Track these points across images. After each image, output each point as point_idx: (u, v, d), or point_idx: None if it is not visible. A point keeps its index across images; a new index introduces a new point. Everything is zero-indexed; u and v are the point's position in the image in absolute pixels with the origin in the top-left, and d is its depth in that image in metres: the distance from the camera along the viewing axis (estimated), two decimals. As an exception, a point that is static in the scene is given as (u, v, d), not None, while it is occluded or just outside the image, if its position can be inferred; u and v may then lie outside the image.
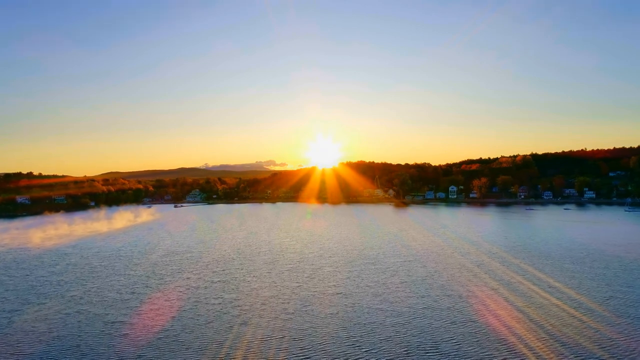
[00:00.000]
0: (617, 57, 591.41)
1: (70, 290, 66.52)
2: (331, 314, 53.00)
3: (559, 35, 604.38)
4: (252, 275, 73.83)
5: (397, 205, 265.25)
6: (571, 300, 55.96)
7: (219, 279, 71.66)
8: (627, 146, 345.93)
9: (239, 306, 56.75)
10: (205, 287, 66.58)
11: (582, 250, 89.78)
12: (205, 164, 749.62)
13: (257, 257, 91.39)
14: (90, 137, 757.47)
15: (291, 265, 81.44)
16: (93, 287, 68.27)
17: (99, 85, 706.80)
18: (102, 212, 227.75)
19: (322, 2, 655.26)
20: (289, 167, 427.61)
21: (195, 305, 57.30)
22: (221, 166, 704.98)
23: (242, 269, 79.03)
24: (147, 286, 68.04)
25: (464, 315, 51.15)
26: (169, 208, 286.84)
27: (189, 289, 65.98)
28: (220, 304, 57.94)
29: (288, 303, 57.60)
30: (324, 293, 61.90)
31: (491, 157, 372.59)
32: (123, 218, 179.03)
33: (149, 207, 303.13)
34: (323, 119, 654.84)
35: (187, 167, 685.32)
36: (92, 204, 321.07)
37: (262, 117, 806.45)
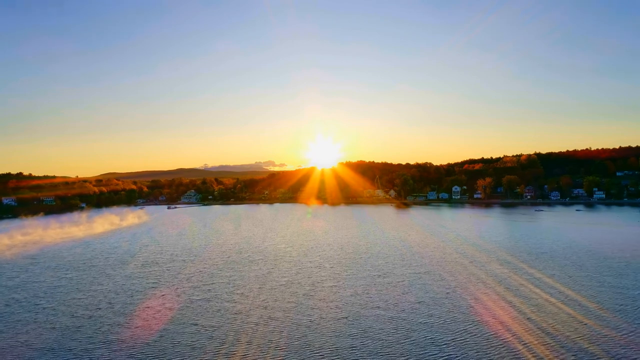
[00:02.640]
0: (616, 57, 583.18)
1: (16, 313, 55.10)
2: (333, 349, 41.83)
3: (559, 35, 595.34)
4: (239, 293, 62.56)
5: (399, 207, 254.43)
6: (632, 331, 44.85)
7: (200, 297, 60.40)
8: (633, 145, 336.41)
9: (217, 337, 45.51)
10: (182, 309, 55.27)
11: (619, 259, 78.70)
12: (205, 164, 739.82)
13: (248, 268, 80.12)
14: (89, 137, 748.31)
15: (286, 279, 70.22)
16: (46, 308, 56.91)
17: (98, 86, 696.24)
18: (86, 214, 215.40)
19: (322, 3, 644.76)
20: (289, 167, 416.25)
21: (163, 336, 46.00)
22: (220, 167, 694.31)
23: (229, 284, 67.74)
24: (110, 307, 56.66)
25: (502, 354, 40.01)
26: (161, 209, 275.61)
27: (161, 310, 54.67)
28: (195, 333, 46.65)
29: (280, 332, 46.39)
30: (324, 318, 50.69)
31: (493, 157, 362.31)
32: (106, 221, 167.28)
33: (141, 208, 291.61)
34: (323, 120, 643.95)
35: (186, 167, 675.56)
36: (83, 205, 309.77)
37: (261, 117, 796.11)
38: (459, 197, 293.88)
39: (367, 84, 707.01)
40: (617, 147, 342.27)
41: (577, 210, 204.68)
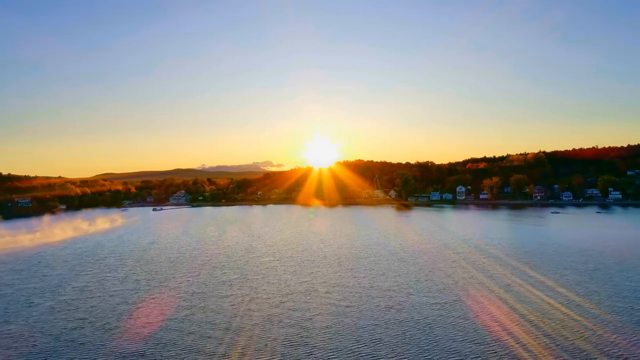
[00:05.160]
0: (616, 58, 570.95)
1: None
2: None
3: (559, 35, 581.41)
4: (193, 342, 44.00)
5: (399, 208, 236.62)
6: None
7: (134, 349, 41.84)
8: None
9: None
10: (101, 371, 36.71)
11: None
12: (202, 164, 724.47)
13: (217, 294, 61.51)
14: (88, 138, 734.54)
15: (264, 314, 51.63)
16: None
17: (96, 86, 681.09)
18: (54, 217, 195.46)
19: (321, 3, 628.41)
20: (286, 168, 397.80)
21: None
22: (218, 167, 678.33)
23: (183, 325, 49.14)
24: (-7, 370, 38.11)
25: None
26: (146, 211, 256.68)
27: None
28: None
29: None
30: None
31: (496, 156, 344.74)
32: (71, 226, 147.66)
33: (124, 210, 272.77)
34: (321, 120, 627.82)
35: (184, 168, 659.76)
36: (63, 207, 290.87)
37: (260, 117, 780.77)
38: (463, 197, 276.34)
39: (366, 84, 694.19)
40: (625, 145, 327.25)
41: (597, 212, 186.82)
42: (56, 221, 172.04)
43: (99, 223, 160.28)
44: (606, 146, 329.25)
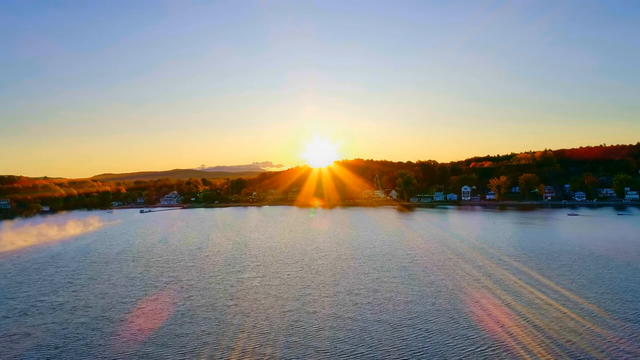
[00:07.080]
0: (616, 58, 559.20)
1: None
2: None
3: (559, 35, 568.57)
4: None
5: (401, 210, 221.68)
6: None
7: None
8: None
9: None
10: None
11: None
12: (202, 165, 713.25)
13: (173, 330, 45.93)
14: (87, 139, 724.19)
15: (226, 367, 36.25)
16: None
17: (96, 87, 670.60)
18: (17, 221, 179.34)
19: (319, 3, 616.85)
20: (286, 168, 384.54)
21: None
22: (217, 167, 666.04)
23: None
24: None
25: None
26: (132, 214, 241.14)
27: None
28: None
29: None
30: None
31: (500, 155, 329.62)
32: (36, 232, 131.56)
33: (109, 212, 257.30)
34: (321, 120, 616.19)
35: (183, 168, 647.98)
36: (46, 209, 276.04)
37: (259, 118, 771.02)
38: (469, 198, 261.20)
39: (365, 84, 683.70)
40: (635, 143, 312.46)
41: (618, 214, 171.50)
42: (21, 225, 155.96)
43: (70, 228, 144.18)
44: (613, 144, 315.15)
